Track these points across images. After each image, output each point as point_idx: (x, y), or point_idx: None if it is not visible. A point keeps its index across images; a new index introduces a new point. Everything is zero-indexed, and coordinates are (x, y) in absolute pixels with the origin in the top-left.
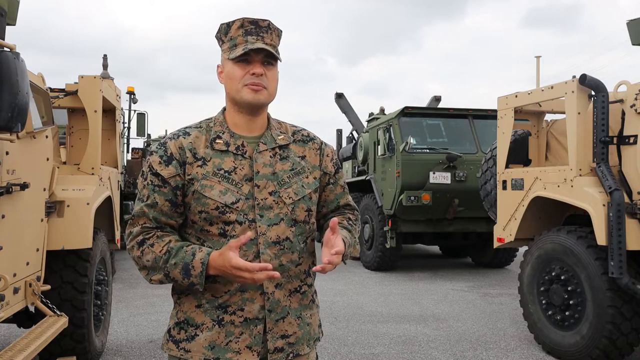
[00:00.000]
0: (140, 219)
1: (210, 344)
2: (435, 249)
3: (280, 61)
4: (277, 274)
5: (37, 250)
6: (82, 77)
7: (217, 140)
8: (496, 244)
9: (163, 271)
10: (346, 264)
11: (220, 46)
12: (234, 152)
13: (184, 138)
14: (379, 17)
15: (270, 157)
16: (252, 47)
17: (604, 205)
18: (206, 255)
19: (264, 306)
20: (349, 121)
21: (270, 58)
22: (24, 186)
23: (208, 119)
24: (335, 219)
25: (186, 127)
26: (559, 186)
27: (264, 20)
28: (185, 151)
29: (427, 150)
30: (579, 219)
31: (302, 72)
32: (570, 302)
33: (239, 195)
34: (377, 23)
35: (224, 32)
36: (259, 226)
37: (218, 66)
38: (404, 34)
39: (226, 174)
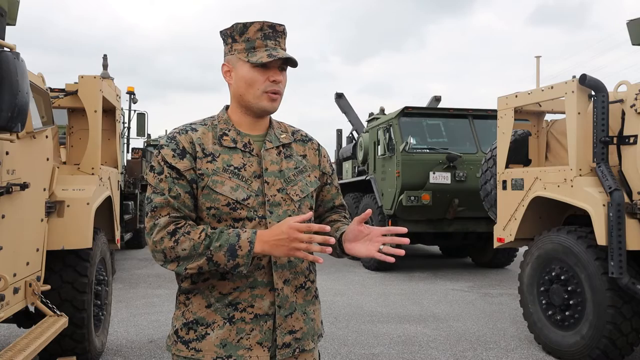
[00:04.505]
0: (164, 210)
1: (222, 342)
2: (435, 249)
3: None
4: (332, 239)
5: (37, 250)
6: (82, 77)
7: (225, 137)
8: (496, 244)
9: (204, 256)
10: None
11: (230, 44)
12: (242, 149)
13: (193, 133)
14: (384, 15)
15: (277, 154)
16: (280, 56)
17: (604, 205)
18: (252, 234)
19: (274, 302)
20: (349, 121)
21: (289, 65)
22: (24, 186)
23: (211, 117)
24: (369, 211)
25: (191, 123)
26: (559, 186)
27: (280, 25)
28: (195, 145)
29: (427, 150)
30: (579, 219)
31: (305, 71)
32: (570, 302)
33: (249, 192)
34: (382, 21)
35: (239, 32)
36: (269, 222)
37: (224, 65)
38: (409, 32)
39: (236, 171)
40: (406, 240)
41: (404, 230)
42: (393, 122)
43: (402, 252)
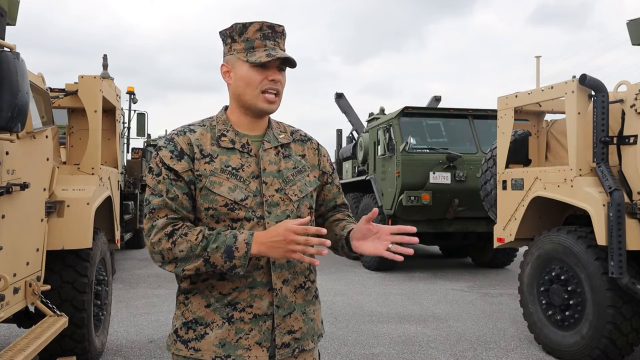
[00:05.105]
0: (162, 212)
1: (221, 342)
2: (435, 249)
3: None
4: (328, 242)
5: (37, 250)
6: (82, 77)
7: (223, 138)
8: (496, 244)
9: (201, 258)
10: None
11: (229, 44)
12: (240, 149)
13: (191, 134)
14: (384, 15)
15: (275, 155)
16: (279, 56)
17: (604, 205)
18: (249, 235)
19: (273, 302)
20: (349, 121)
21: (288, 65)
22: (24, 186)
23: (210, 118)
24: (375, 210)
25: (190, 125)
26: (559, 186)
27: (280, 26)
28: (193, 147)
29: (427, 150)
30: (579, 219)
31: (305, 71)
32: (570, 302)
33: (247, 192)
34: (382, 21)
35: (238, 32)
36: (268, 222)
37: (223, 65)
38: (409, 32)
39: (234, 171)
40: (415, 240)
41: (413, 229)
42: (393, 122)
43: (411, 251)
